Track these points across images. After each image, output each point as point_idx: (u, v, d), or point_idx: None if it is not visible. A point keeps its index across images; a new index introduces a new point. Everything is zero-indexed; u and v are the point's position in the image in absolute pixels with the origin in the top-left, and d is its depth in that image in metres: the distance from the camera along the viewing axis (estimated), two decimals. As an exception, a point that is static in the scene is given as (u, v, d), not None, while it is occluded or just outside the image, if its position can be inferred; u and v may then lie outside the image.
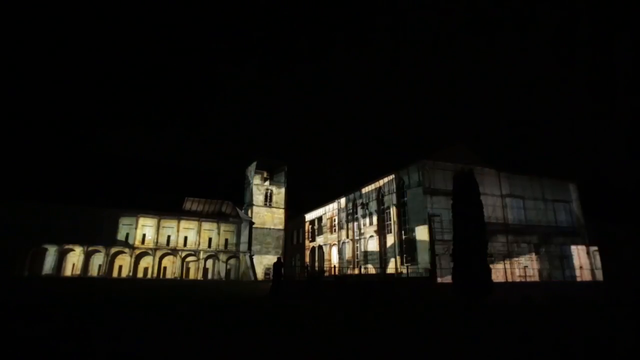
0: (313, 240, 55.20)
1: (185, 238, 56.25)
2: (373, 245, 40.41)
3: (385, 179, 39.13)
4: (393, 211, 37.28)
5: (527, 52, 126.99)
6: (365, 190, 43.02)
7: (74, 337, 6.99)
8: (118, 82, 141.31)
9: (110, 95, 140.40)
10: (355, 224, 44.57)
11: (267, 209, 62.23)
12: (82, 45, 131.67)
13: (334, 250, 48.54)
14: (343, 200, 47.63)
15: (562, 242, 36.34)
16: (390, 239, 37.63)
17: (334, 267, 44.24)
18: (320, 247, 52.46)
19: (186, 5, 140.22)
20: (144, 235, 54.37)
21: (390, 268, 35.87)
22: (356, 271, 41.25)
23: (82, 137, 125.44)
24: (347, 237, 45.31)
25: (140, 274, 52.29)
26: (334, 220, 49.53)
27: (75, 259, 50.33)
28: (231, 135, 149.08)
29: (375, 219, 40.46)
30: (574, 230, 37.59)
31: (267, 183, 62.86)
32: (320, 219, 53.92)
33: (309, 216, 57.33)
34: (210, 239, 57.19)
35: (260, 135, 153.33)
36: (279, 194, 63.48)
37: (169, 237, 55.48)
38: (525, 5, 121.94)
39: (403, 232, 36.20)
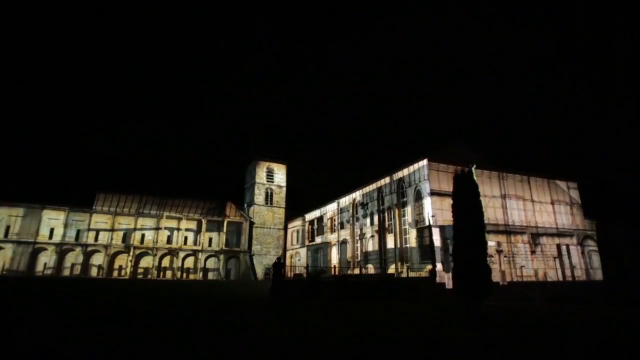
0: (313, 240, 55.16)
1: (185, 238, 56.29)
2: (373, 245, 40.41)
3: (386, 179, 39.14)
4: (393, 211, 37.27)
5: (527, 51, 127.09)
6: (365, 190, 43.02)
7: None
8: (117, 81, 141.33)
9: (109, 95, 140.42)
10: (356, 224, 44.57)
11: (268, 209, 62.24)
12: (80, 43, 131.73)
13: (334, 250, 48.53)
14: (343, 200, 47.63)
15: (560, 242, 36.38)
16: (391, 239, 37.62)
17: (334, 267, 44.21)
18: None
19: (185, 3, 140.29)
20: (142, 235, 54.56)
21: (391, 268, 35.87)
22: (356, 271, 41.23)
23: (80, 138, 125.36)
24: (347, 237, 45.32)
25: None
26: (334, 220, 49.54)
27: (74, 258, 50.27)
28: (232, 135, 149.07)
29: (375, 219, 40.45)
30: (573, 230, 37.58)
31: (267, 183, 62.91)
32: (320, 219, 53.92)
33: (309, 216, 57.33)
34: (210, 239, 57.18)
35: (260, 135, 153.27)
36: (279, 193, 63.52)
37: (168, 236, 55.62)
38: (525, 4, 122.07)
39: (405, 231, 36.19)
